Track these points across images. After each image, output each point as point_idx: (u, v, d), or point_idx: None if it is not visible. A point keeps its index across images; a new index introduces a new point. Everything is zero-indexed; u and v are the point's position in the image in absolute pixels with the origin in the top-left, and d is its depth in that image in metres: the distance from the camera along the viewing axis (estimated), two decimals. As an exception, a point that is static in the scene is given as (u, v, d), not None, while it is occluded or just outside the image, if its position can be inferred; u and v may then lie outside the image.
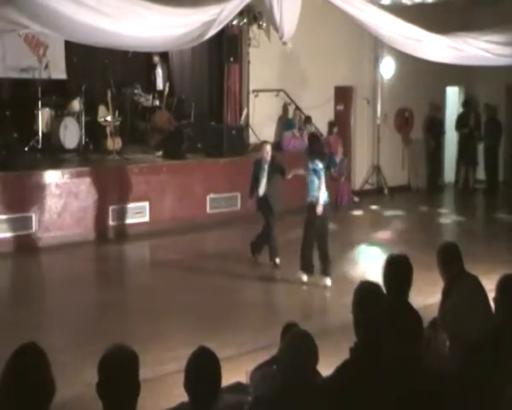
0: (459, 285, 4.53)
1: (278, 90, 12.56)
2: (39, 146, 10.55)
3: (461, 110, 15.38)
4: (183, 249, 9.50)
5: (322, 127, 12.91)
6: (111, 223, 9.95)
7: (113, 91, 11.29)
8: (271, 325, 5.28)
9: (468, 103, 15.29)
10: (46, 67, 10.82)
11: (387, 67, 14.00)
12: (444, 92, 15.64)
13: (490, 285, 4.09)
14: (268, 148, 8.53)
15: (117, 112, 11.49)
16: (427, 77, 13.80)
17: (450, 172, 15.64)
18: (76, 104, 11.02)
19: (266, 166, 8.44)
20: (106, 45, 8.26)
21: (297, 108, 12.70)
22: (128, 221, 10.11)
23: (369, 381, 3.00)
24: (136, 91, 12.84)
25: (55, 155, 10.34)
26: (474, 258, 5.66)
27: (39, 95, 10.60)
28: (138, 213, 10.21)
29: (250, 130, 12.26)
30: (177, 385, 3.00)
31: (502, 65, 9.58)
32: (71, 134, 10.77)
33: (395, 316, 3.42)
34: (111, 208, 9.93)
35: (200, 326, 6.41)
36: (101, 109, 11.54)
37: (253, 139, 12.25)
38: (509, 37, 8.94)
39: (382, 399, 2.98)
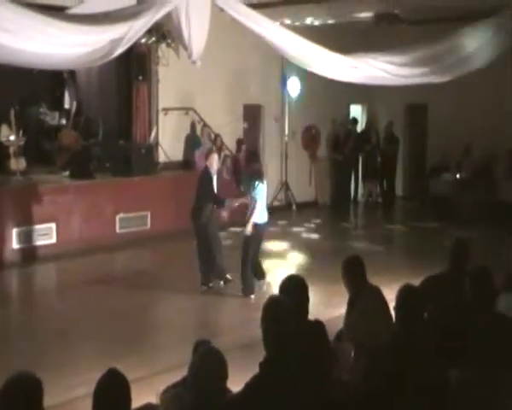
0: (363, 296, 4.72)
1: (188, 109, 12.60)
2: None
3: (363, 128, 15.95)
4: (92, 271, 9.30)
5: (231, 145, 13.05)
6: (15, 246, 9.61)
7: (16, 110, 10.94)
8: (184, 344, 5.25)
9: (370, 122, 15.91)
10: None
11: (294, 86, 14.37)
12: (348, 110, 16.21)
13: (391, 295, 4.27)
14: (216, 156, 8.10)
15: (21, 131, 11.13)
16: (332, 95, 14.27)
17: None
18: (-23, 123, 10.62)
19: (215, 178, 7.95)
20: (7, 62, 7.98)
21: (205, 125, 12.74)
22: (34, 243, 9.80)
23: (278, 396, 3.05)
24: (41, 110, 12.52)
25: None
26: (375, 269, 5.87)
27: None
28: (44, 235, 9.92)
29: (160, 148, 12.21)
30: (86, 410, 2.96)
31: (400, 84, 10.04)
32: (-29, 155, 10.38)
33: (299, 329, 3.50)
34: (15, 231, 9.59)
35: (111, 348, 6.30)
36: (4, 128, 11.15)
37: (162, 158, 12.21)
38: (406, 58, 9.38)
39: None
